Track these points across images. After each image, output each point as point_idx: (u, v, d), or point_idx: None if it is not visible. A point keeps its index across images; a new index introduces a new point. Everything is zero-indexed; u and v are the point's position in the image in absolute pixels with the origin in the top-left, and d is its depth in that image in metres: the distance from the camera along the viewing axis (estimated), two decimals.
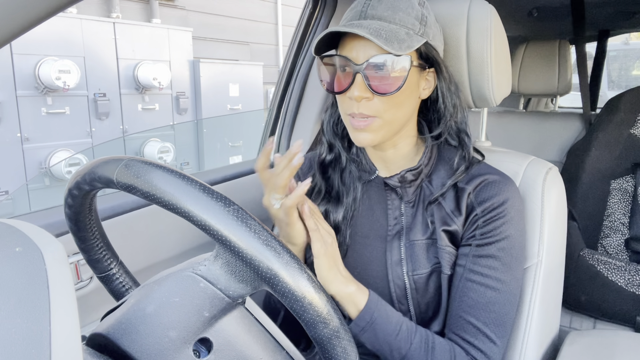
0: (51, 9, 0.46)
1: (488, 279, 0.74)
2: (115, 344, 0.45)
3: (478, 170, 0.79)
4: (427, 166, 0.80)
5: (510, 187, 0.77)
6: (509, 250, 0.74)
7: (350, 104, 0.73)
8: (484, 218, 0.75)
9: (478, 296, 0.74)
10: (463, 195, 0.77)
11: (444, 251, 0.77)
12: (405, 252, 0.79)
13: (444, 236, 0.77)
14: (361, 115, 0.72)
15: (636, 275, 1.42)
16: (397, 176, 0.80)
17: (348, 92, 0.72)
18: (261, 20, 6.09)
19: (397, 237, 0.80)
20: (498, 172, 0.79)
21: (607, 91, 5.27)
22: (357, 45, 0.70)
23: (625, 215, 1.56)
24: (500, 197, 0.75)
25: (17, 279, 0.32)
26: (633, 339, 0.88)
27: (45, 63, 3.34)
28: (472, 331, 0.73)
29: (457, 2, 0.83)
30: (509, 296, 0.74)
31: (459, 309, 0.75)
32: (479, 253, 0.75)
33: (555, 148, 1.93)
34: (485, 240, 0.75)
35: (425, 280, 0.78)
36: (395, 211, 0.82)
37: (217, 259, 0.48)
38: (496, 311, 0.73)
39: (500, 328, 0.73)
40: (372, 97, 0.71)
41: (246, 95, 4.97)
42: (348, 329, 0.45)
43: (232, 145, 4.73)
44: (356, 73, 0.70)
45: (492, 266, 0.74)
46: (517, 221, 0.76)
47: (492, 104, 0.87)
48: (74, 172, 0.50)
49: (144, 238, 1.06)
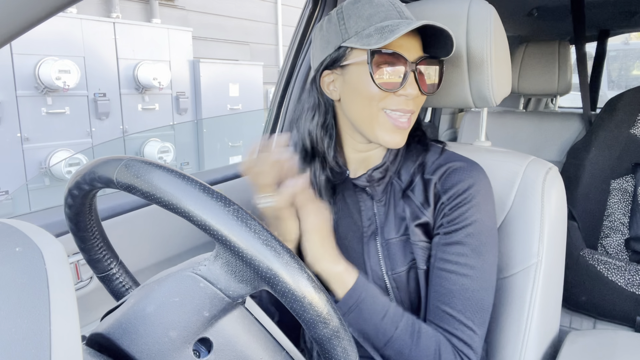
0: (51, 9, 0.46)
1: (458, 266, 0.73)
2: (115, 344, 0.45)
3: (444, 160, 0.79)
4: (394, 162, 0.81)
5: (475, 172, 0.76)
6: (477, 235, 0.74)
7: (397, 100, 0.73)
8: (450, 205, 0.75)
9: (450, 284, 0.73)
10: (430, 185, 0.77)
11: (418, 246, 0.77)
12: (382, 251, 0.79)
13: (417, 231, 0.77)
14: (411, 112, 0.74)
15: (636, 275, 1.42)
16: (365, 176, 0.80)
17: (401, 89, 0.72)
18: (261, 20, 6.09)
19: (373, 237, 0.80)
20: (463, 159, 0.79)
21: (607, 91, 5.27)
22: (406, 43, 0.72)
23: (625, 215, 1.56)
24: (464, 183, 0.75)
25: (17, 279, 0.32)
26: (633, 339, 0.88)
27: (45, 63, 3.34)
28: (450, 320, 0.73)
29: (457, 2, 0.83)
30: (481, 282, 0.73)
31: (435, 299, 0.75)
32: (447, 241, 0.75)
33: (555, 148, 1.93)
34: (452, 227, 0.75)
35: (405, 278, 0.78)
36: (369, 211, 0.81)
37: (217, 259, 0.48)
38: (470, 297, 0.72)
39: (476, 315, 0.73)
40: (421, 96, 0.75)
41: (246, 95, 4.97)
42: (348, 329, 0.45)
43: (232, 145, 4.73)
44: (411, 71, 0.72)
45: (462, 253, 0.73)
46: (484, 205, 0.75)
47: (492, 104, 0.87)
48: (74, 172, 0.50)
49: (143, 238, 1.06)
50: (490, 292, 0.75)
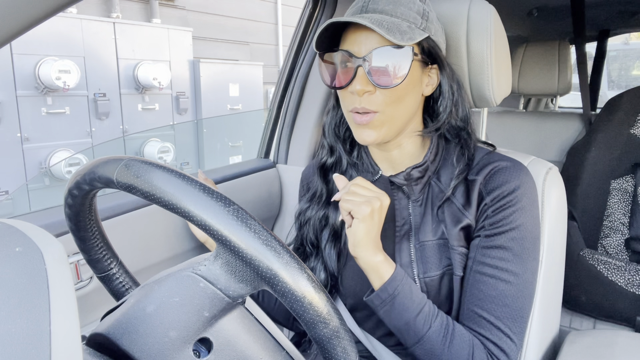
0: (51, 9, 0.46)
1: (499, 270, 0.70)
2: (115, 344, 0.45)
3: (488, 159, 0.76)
4: (434, 162, 0.78)
5: (522, 173, 0.74)
6: (521, 240, 0.71)
7: (352, 99, 0.72)
8: (493, 207, 0.72)
9: (489, 289, 0.70)
10: (474, 186, 0.74)
11: (456, 252, 0.74)
12: (415, 253, 0.76)
13: (457, 235, 0.74)
14: (363, 110, 0.71)
15: (636, 275, 1.42)
16: (403, 174, 0.78)
17: (350, 86, 0.71)
18: (261, 20, 6.09)
19: (406, 237, 0.78)
20: (509, 159, 0.76)
21: (607, 91, 5.27)
22: (358, 39, 0.70)
23: (625, 215, 1.56)
24: (510, 184, 0.72)
25: (17, 279, 0.32)
26: (633, 338, 0.88)
27: (45, 63, 3.34)
28: (486, 325, 0.70)
29: (457, 2, 0.83)
30: (522, 289, 0.70)
31: (470, 303, 0.72)
32: (488, 244, 0.72)
33: (555, 148, 1.93)
34: (494, 230, 0.72)
35: (437, 282, 0.75)
36: (403, 211, 0.79)
37: (217, 259, 0.48)
38: (509, 305, 0.70)
39: (515, 323, 0.70)
40: (375, 90, 0.70)
41: (246, 95, 4.97)
42: (348, 328, 0.45)
43: (232, 145, 4.73)
44: (358, 66, 0.69)
45: (503, 257, 0.71)
46: (530, 209, 0.73)
47: (492, 104, 0.87)
48: (74, 172, 0.50)
49: (144, 238, 1.06)
50: (530, 301, 0.72)
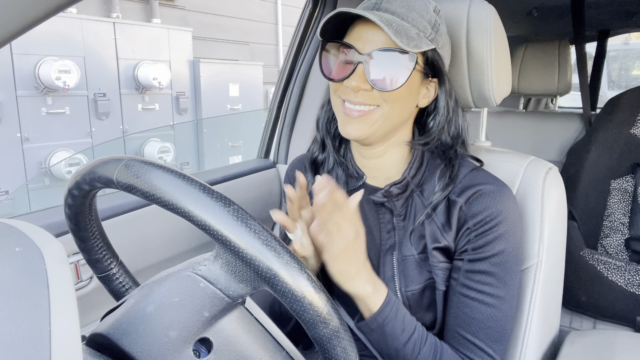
0: (51, 9, 0.46)
1: (482, 295, 0.71)
2: (115, 344, 0.45)
3: (472, 179, 0.74)
4: (416, 177, 0.76)
5: (504, 197, 0.72)
6: (503, 265, 0.71)
7: (346, 91, 0.70)
8: (476, 232, 0.71)
9: (473, 312, 0.71)
10: (454, 208, 0.73)
11: (437, 267, 0.74)
12: (398, 267, 0.76)
13: (435, 254, 0.74)
14: (360, 104, 0.69)
15: (636, 275, 1.42)
16: (382, 191, 0.76)
17: (346, 81, 0.69)
18: (261, 20, 6.09)
19: (390, 251, 0.77)
20: (494, 181, 0.74)
21: (607, 91, 5.27)
22: (364, 35, 0.68)
23: (625, 215, 1.56)
24: (492, 209, 0.71)
25: (17, 279, 0.32)
26: (633, 338, 0.88)
27: (45, 63, 3.34)
28: (470, 347, 0.72)
29: (457, 2, 0.83)
30: (505, 311, 0.71)
31: (455, 325, 0.73)
32: (471, 268, 0.72)
33: (555, 148, 1.93)
34: (477, 255, 0.71)
35: (418, 296, 0.75)
36: (388, 225, 0.78)
37: (217, 259, 0.48)
38: (492, 327, 0.71)
39: (497, 343, 0.72)
40: (371, 89, 0.69)
41: (246, 95, 4.97)
42: (348, 328, 0.45)
43: (232, 145, 4.73)
44: (358, 63, 0.68)
45: (486, 282, 0.71)
46: (513, 233, 0.72)
47: (492, 104, 0.87)
48: (74, 172, 0.50)
49: (144, 238, 1.06)
50: (512, 320, 0.73)
